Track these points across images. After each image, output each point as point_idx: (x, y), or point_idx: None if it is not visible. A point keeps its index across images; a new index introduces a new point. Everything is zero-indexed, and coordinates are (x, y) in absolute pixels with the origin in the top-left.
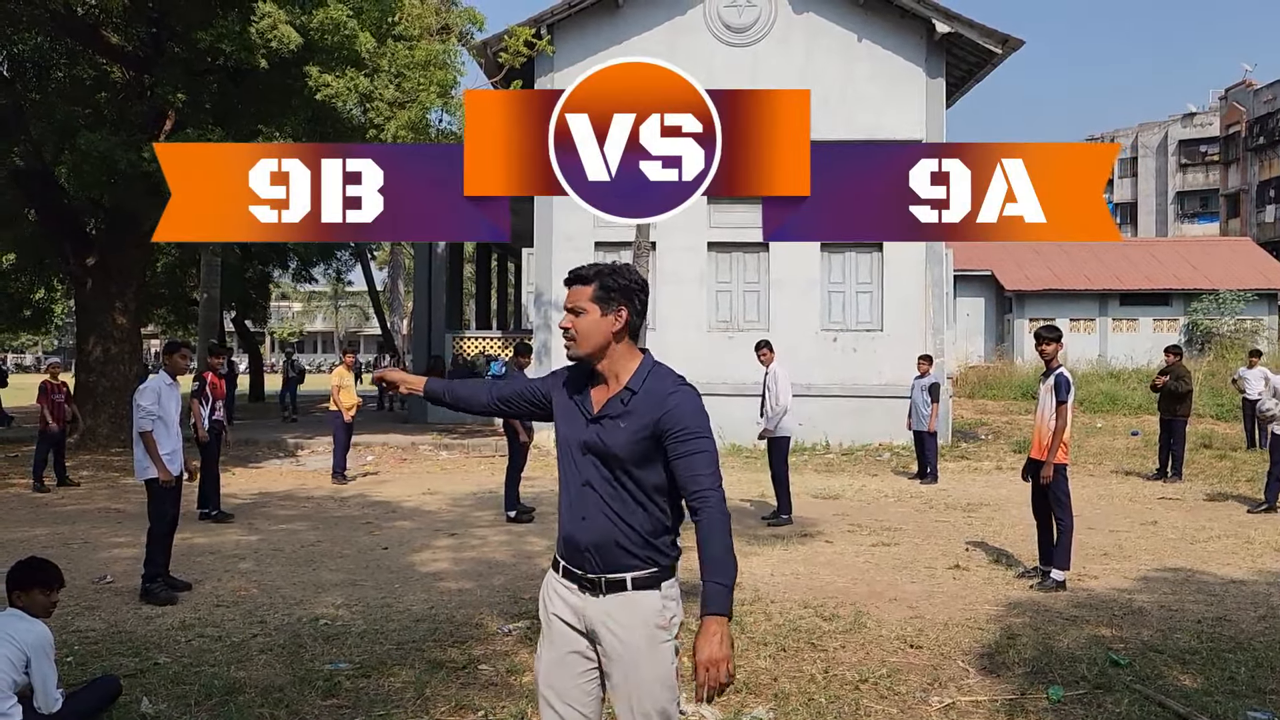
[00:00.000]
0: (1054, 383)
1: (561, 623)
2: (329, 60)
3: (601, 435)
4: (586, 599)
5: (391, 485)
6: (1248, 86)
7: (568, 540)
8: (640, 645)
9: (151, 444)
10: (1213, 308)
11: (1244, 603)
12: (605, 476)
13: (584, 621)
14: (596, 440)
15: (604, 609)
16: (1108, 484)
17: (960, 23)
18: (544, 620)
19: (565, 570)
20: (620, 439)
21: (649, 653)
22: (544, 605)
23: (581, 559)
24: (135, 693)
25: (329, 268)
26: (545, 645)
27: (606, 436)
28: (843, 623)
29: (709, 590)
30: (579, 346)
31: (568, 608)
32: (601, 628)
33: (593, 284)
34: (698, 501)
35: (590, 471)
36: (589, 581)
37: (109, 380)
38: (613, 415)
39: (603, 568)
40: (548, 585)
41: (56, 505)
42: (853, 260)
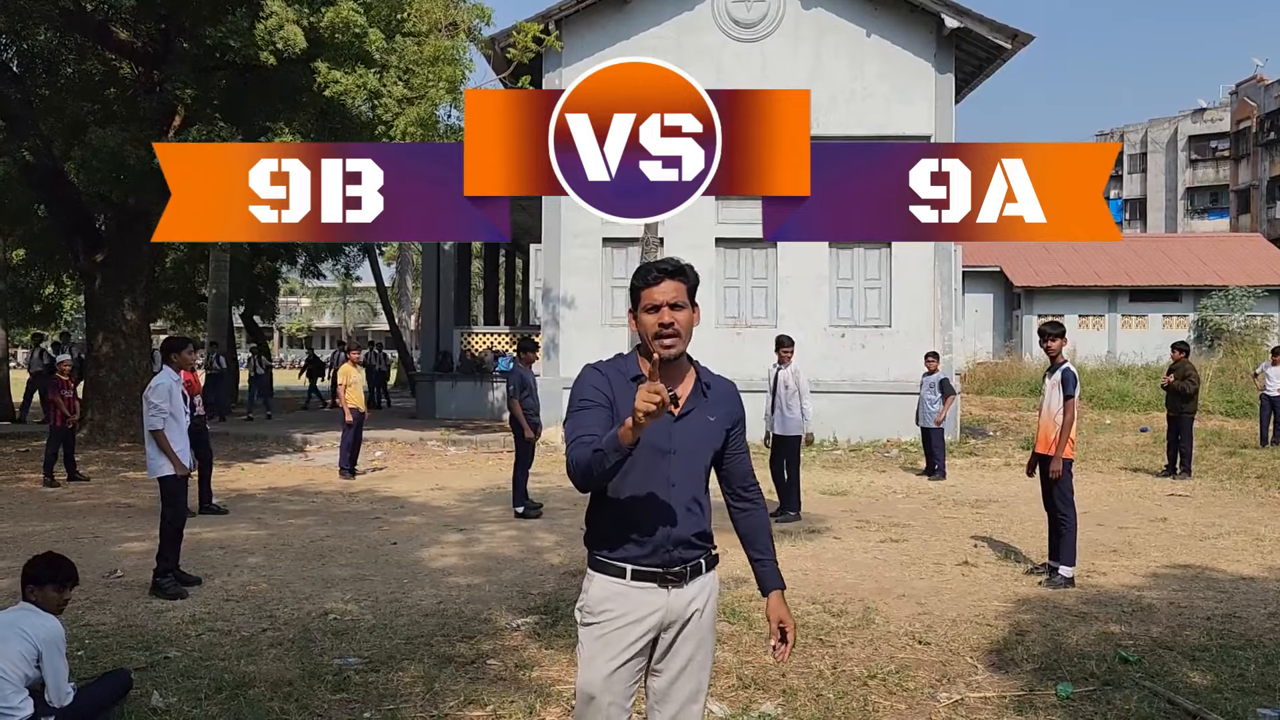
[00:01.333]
0: (1061, 378)
1: (631, 626)
2: (338, 57)
3: (695, 433)
4: (670, 593)
5: (400, 481)
6: (1259, 82)
7: (652, 541)
8: (711, 622)
9: (165, 441)
10: (1223, 304)
11: (1254, 600)
12: (689, 471)
13: (666, 616)
14: (687, 436)
15: (688, 596)
16: (1117, 481)
17: (970, 18)
18: (608, 627)
19: (640, 573)
20: (709, 432)
21: (713, 629)
22: (603, 613)
23: (668, 556)
24: (146, 686)
25: (337, 264)
26: (603, 649)
27: (700, 434)
28: (851, 619)
29: (772, 569)
30: (682, 342)
31: (643, 608)
32: (686, 613)
33: (684, 280)
34: (753, 491)
35: (676, 470)
36: (674, 575)
37: (118, 376)
38: (696, 409)
39: (687, 558)
40: (606, 595)
41: (66, 500)
42: (861, 256)
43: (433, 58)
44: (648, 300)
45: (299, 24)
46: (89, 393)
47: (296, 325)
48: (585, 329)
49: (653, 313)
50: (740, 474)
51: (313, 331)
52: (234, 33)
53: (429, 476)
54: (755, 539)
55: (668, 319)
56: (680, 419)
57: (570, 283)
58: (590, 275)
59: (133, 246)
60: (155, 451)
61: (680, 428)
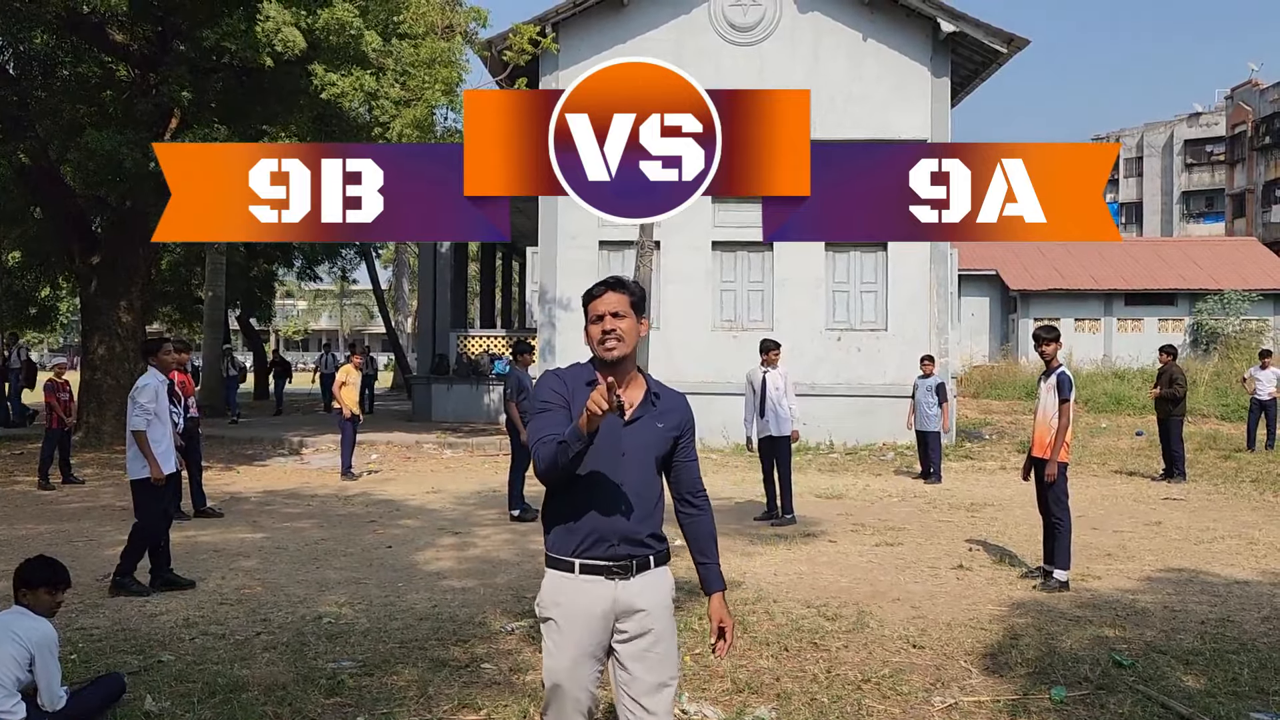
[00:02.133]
0: (1056, 381)
1: (586, 617)
2: (335, 59)
3: (642, 437)
4: (617, 584)
5: (395, 484)
6: (1254, 86)
7: (600, 537)
8: (666, 616)
9: (145, 443)
10: (1218, 308)
11: (1248, 604)
12: (639, 473)
13: (615, 607)
14: (635, 440)
15: (635, 589)
16: (1112, 484)
17: (966, 22)
18: (559, 619)
19: (589, 567)
20: (656, 437)
21: (669, 622)
22: (555, 606)
23: (613, 550)
24: (139, 690)
25: (334, 266)
26: (561, 641)
27: (647, 438)
28: (846, 622)
29: (714, 571)
30: (624, 346)
31: (596, 601)
32: (636, 605)
33: (628, 292)
34: (701, 499)
35: (625, 471)
36: (620, 568)
37: (114, 378)
38: (646, 416)
39: (634, 551)
40: (559, 589)
41: (61, 503)
42: (857, 259)
43: (429, 60)
44: (593, 311)
45: (296, 25)
46: (84, 395)
47: (293, 328)
48: (581, 331)
49: (597, 322)
50: (689, 480)
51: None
52: (231, 35)
53: (425, 479)
54: (701, 544)
55: (610, 325)
56: (630, 424)
57: (566, 285)
58: (587, 277)
59: (129, 248)
60: (136, 452)
61: (629, 432)
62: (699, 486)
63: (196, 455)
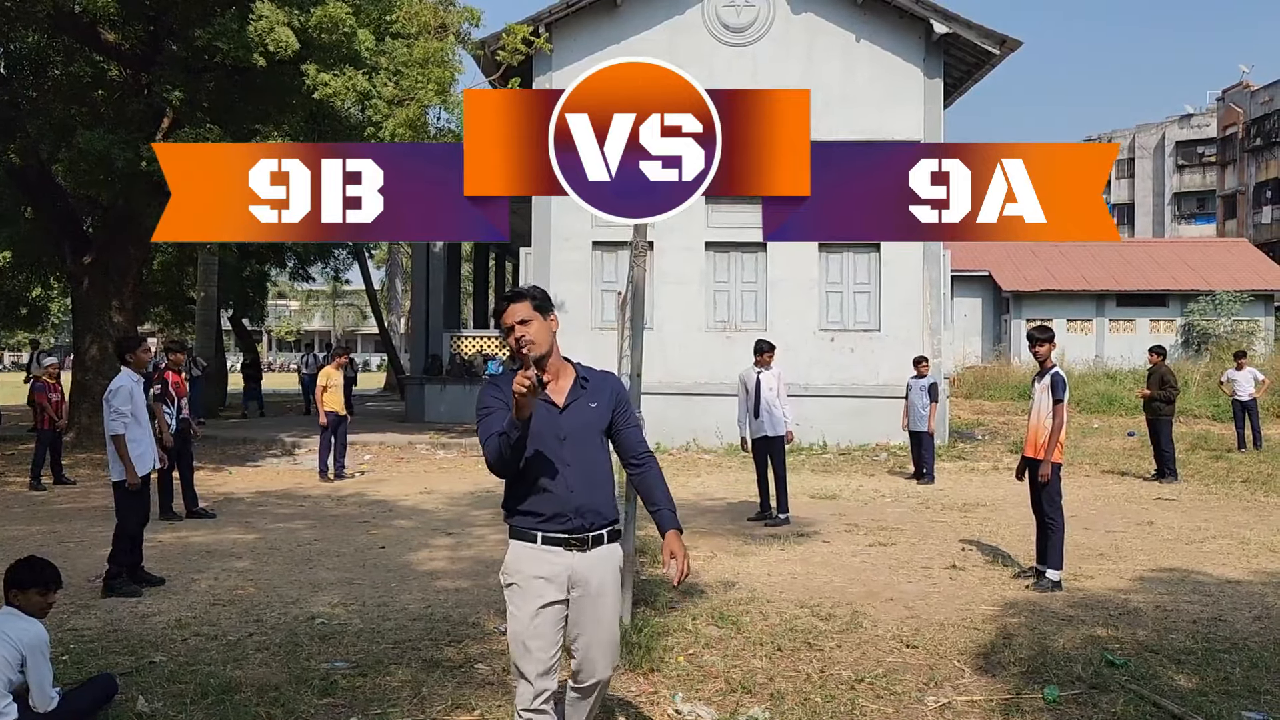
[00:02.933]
0: (1050, 382)
1: (544, 582)
2: (327, 58)
3: (580, 418)
4: (574, 556)
5: (389, 484)
6: (1245, 88)
7: (565, 509)
8: (613, 584)
9: (123, 447)
10: (1210, 309)
11: (1239, 603)
12: (583, 452)
13: (571, 575)
14: (573, 422)
15: (590, 561)
16: (1104, 484)
17: (958, 23)
18: (522, 584)
19: (549, 539)
20: (593, 416)
21: (616, 589)
22: (519, 573)
23: (574, 523)
24: (131, 691)
25: (327, 267)
26: (524, 603)
27: (584, 418)
28: (839, 622)
29: (668, 515)
30: (538, 346)
31: (553, 567)
32: (590, 575)
33: (527, 299)
34: (646, 458)
35: (571, 452)
36: (577, 540)
37: (106, 379)
38: (579, 400)
39: (588, 528)
40: (521, 557)
41: (53, 503)
42: (850, 260)
43: (422, 60)
44: (504, 324)
45: (289, 25)
46: (76, 396)
47: (286, 328)
48: (575, 333)
49: (509, 333)
50: (632, 444)
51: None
52: (223, 34)
53: (418, 480)
54: (652, 493)
55: (519, 333)
56: (566, 410)
57: (560, 286)
58: (580, 279)
59: (120, 249)
60: (115, 454)
61: (567, 417)
62: (642, 449)
63: (188, 456)
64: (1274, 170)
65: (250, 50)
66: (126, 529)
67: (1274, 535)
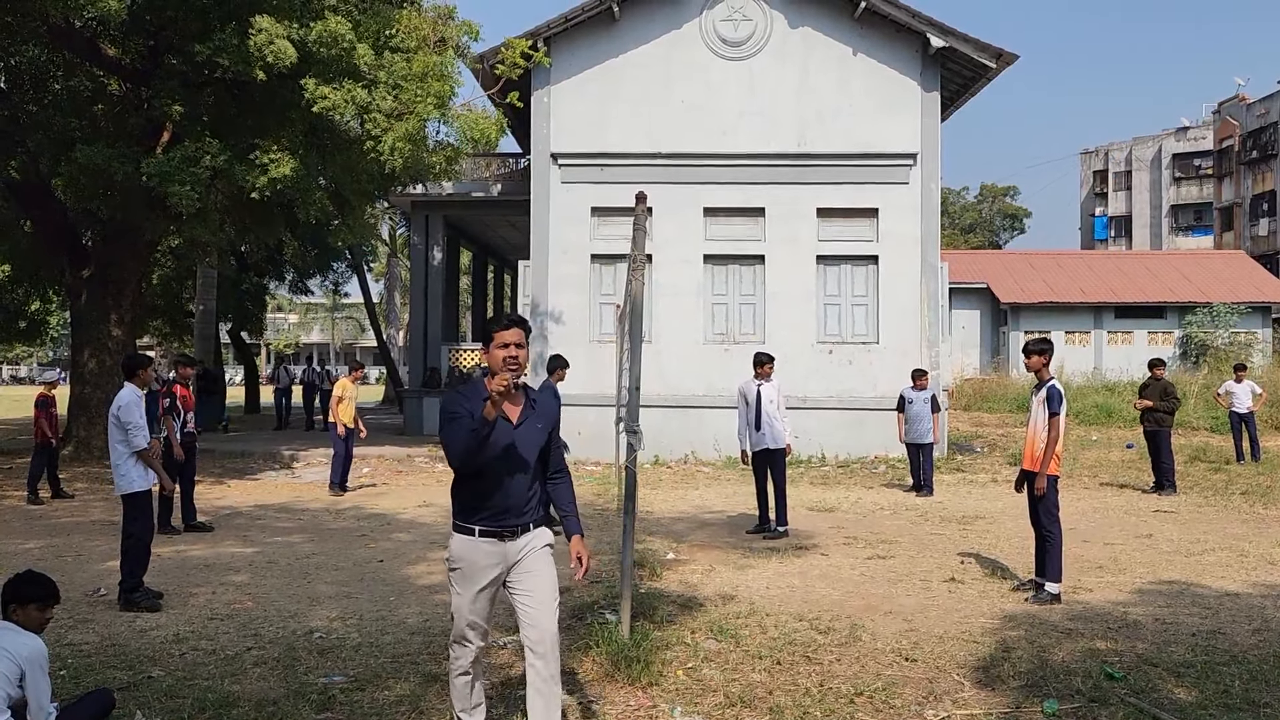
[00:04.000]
0: (1046, 395)
1: (483, 569)
2: (326, 72)
3: (528, 436)
4: (507, 544)
5: (387, 497)
6: (1241, 100)
7: (503, 509)
8: (545, 556)
9: (150, 458)
10: (1207, 320)
11: (1239, 616)
12: (527, 463)
13: (506, 559)
14: (526, 439)
15: (521, 544)
16: (1103, 497)
17: (955, 37)
18: (466, 569)
19: (486, 532)
20: (537, 436)
21: (549, 561)
22: (461, 560)
23: (507, 520)
24: (129, 706)
25: (325, 280)
26: (467, 586)
27: (531, 436)
28: (838, 636)
29: (574, 521)
30: (522, 369)
31: (490, 556)
32: (522, 553)
33: (524, 329)
34: (562, 473)
35: (515, 463)
36: (510, 532)
37: (103, 392)
38: (530, 419)
39: (519, 520)
40: (464, 547)
41: (51, 517)
42: (848, 273)
43: (421, 73)
44: (499, 340)
45: (289, 39)
46: (74, 409)
47: (284, 341)
48: (573, 345)
49: (504, 348)
50: (555, 461)
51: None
52: (223, 49)
53: (416, 493)
54: (563, 503)
55: (513, 353)
56: (519, 427)
57: (558, 299)
58: (578, 291)
59: (119, 262)
60: (128, 468)
61: (519, 434)
62: (561, 464)
63: (191, 470)
64: (1270, 182)
65: (250, 64)
66: (141, 540)
67: (1273, 548)
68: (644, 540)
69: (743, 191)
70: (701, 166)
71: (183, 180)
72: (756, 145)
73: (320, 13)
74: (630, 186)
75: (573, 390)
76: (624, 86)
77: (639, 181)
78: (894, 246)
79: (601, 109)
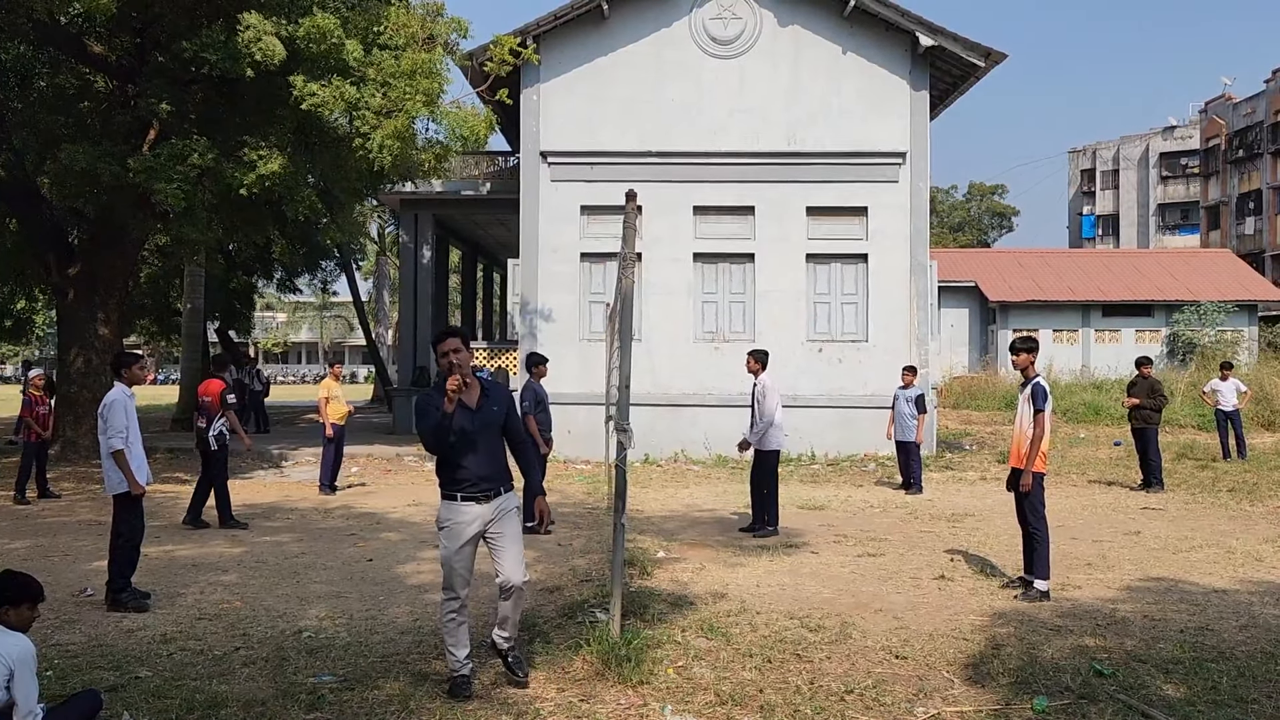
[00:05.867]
0: (1031, 392)
1: (466, 526)
2: (315, 69)
3: (485, 417)
4: (483, 506)
5: (377, 497)
6: (1227, 100)
7: (476, 479)
8: (513, 516)
9: (124, 461)
10: (1194, 319)
11: (1226, 612)
12: (489, 441)
13: (482, 519)
14: (484, 421)
15: (494, 506)
16: (1091, 494)
17: (944, 36)
18: (452, 528)
19: (465, 497)
20: (494, 418)
21: (516, 520)
22: (448, 520)
23: (481, 486)
24: (116, 707)
25: (314, 278)
26: (453, 541)
27: (489, 417)
28: (828, 634)
29: (537, 481)
30: (463, 369)
31: (470, 515)
32: (493, 514)
33: (460, 337)
34: (525, 443)
35: (481, 441)
36: (485, 495)
37: (90, 392)
38: (485, 405)
39: (491, 486)
40: (450, 510)
41: (38, 517)
42: (838, 271)
43: (410, 71)
44: (440, 350)
45: (277, 35)
46: (61, 409)
47: (273, 340)
48: (563, 343)
49: (444, 356)
50: (516, 432)
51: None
52: (210, 45)
53: (406, 492)
54: (525, 469)
55: (453, 359)
56: (477, 411)
57: (548, 298)
58: (568, 290)
59: (106, 261)
60: (114, 468)
61: (478, 417)
62: (521, 435)
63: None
64: (1256, 181)
65: (238, 61)
66: (131, 540)
67: (1260, 544)
68: (634, 539)
69: (733, 190)
70: (691, 165)
71: (170, 178)
72: (746, 144)
73: (308, 9)
74: (620, 185)
75: (563, 389)
76: (614, 85)
77: (629, 180)
78: (883, 245)
79: (591, 107)
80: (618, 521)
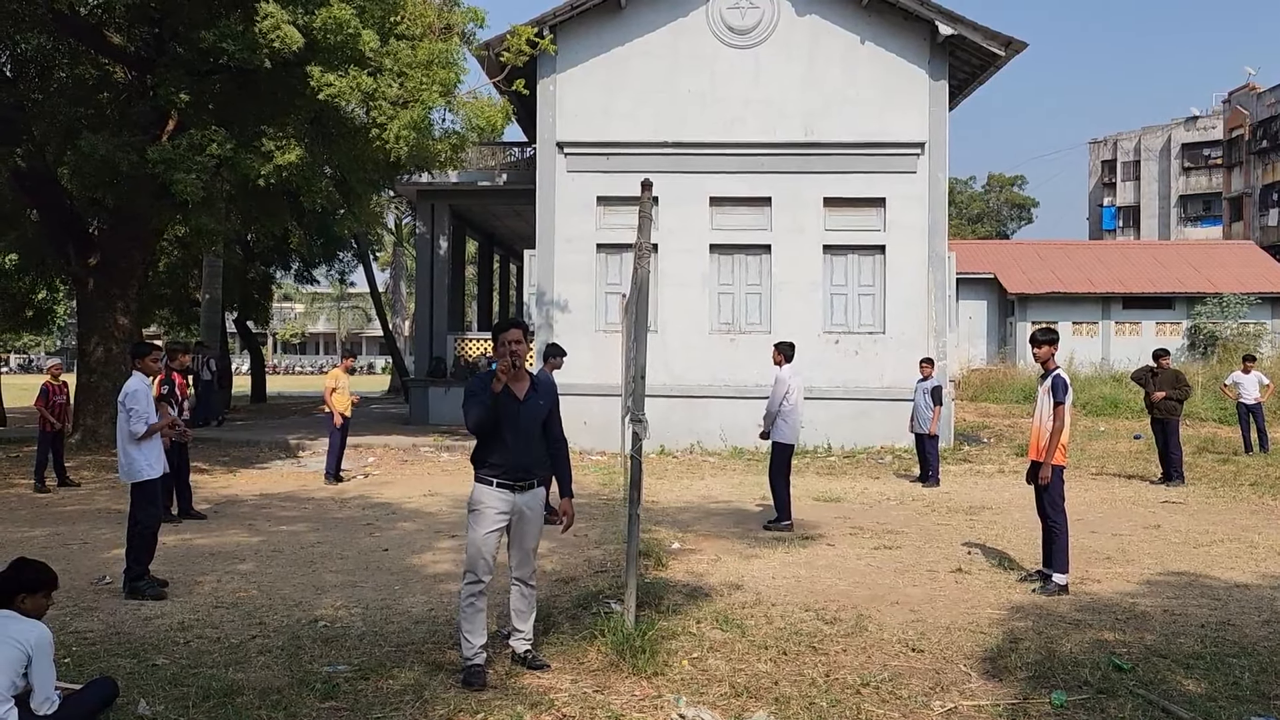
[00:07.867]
0: (1051, 384)
1: (496, 512)
2: (332, 59)
3: (531, 409)
4: (516, 495)
5: (392, 487)
6: (1251, 90)
7: (514, 466)
8: (539, 513)
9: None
10: (1216, 311)
11: (1248, 607)
12: (530, 432)
13: (514, 508)
14: (530, 412)
15: (525, 498)
16: (1111, 487)
17: (963, 25)
18: (483, 511)
19: (501, 484)
20: (540, 410)
21: (540, 517)
22: (479, 504)
23: (518, 474)
24: (133, 694)
25: (331, 269)
26: (481, 524)
27: (534, 411)
28: (844, 626)
29: (567, 486)
30: (523, 360)
31: (502, 503)
32: (524, 508)
33: (523, 329)
34: (562, 443)
35: (522, 430)
36: (521, 486)
37: (110, 381)
38: (533, 397)
39: (528, 477)
40: (483, 493)
41: (57, 506)
42: (855, 263)
43: (426, 61)
44: (503, 340)
45: (294, 24)
46: (81, 398)
47: (291, 331)
48: (579, 334)
49: (505, 345)
50: (555, 434)
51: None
52: (228, 36)
53: (422, 482)
54: (560, 469)
55: (515, 349)
56: (524, 403)
57: (564, 288)
58: (584, 281)
59: (125, 251)
60: (135, 455)
61: (524, 408)
62: (560, 434)
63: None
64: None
65: (255, 51)
66: (149, 528)
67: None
68: (650, 530)
69: (749, 181)
70: (707, 155)
71: (188, 168)
72: (763, 134)
73: None
74: (636, 175)
75: (578, 380)
76: (630, 75)
77: (645, 170)
78: (901, 236)
79: (607, 97)
80: (633, 513)
